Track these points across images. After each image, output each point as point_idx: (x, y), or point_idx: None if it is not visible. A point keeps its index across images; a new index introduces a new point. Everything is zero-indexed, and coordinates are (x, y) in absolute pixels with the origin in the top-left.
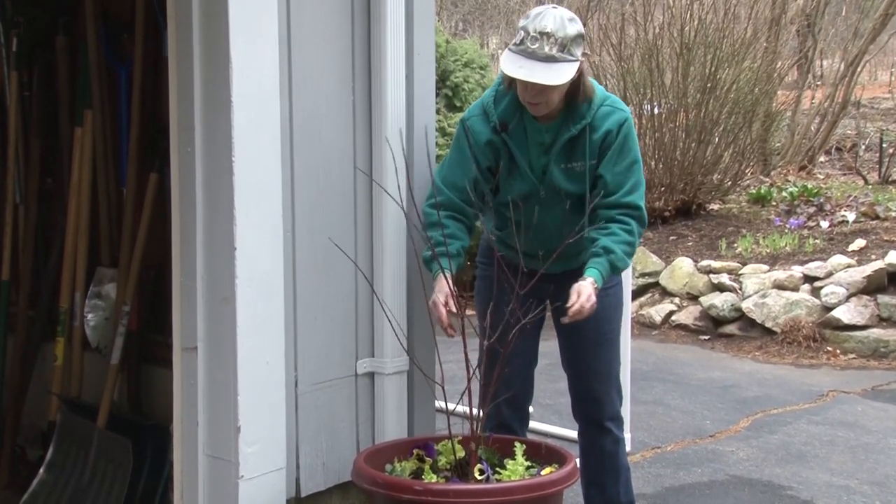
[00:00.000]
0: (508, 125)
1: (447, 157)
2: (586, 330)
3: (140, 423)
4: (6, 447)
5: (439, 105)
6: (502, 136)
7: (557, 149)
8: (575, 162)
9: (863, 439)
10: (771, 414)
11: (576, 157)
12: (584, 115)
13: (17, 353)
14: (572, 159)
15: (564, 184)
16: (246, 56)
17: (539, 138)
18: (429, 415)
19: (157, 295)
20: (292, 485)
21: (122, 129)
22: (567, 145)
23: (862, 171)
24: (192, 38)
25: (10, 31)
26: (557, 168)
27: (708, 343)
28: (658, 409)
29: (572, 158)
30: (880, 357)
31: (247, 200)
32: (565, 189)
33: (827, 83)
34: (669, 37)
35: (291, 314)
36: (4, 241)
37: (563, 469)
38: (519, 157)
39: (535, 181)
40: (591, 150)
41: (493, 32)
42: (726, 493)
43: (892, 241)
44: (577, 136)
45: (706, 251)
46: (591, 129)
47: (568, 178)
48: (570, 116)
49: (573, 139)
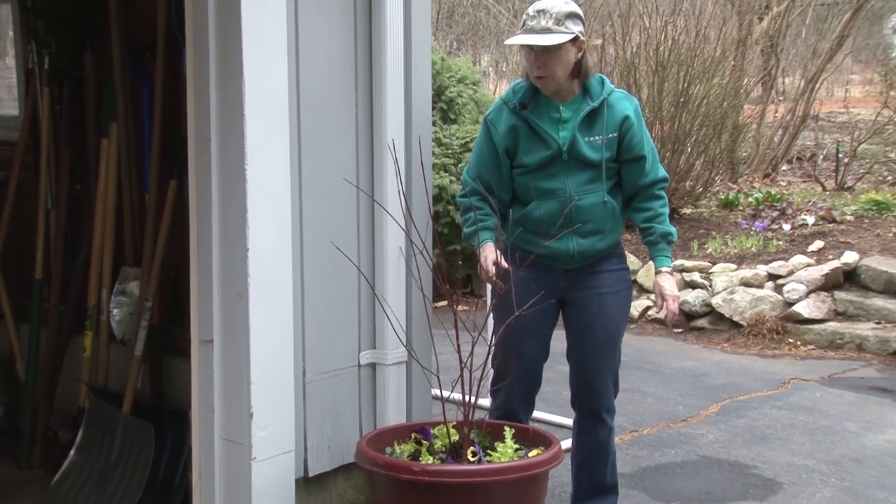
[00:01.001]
0: (527, 105)
1: (474, 155)
2: (596, 329)
3: (161, 409)
4: (40, 431)
5: (435, 118)
6: (522, 113)
7: (580, 120)
8: (596, 135)
9: (820, 423)
10: (738, 400)
11: (595, 130)
12: (599, 91)
13: (49, 344)
14: (592, 132)
15: (587, 151)
16: (258, 73)
17: (556, 115)
18: (425, 402)
19: (176, 292)
20: (301, 466)
21: (145, 139)
22: (587, 119)
23: (820, 179)
24: (209, 57)
25: (42, 51)
26: (582, 139)
27: (681, 336)
28: (636, 396)
29: (592, 131)
30: (836, 348)
31: (258, 205)
32: (587, 156)
33: (788, 98)
34: (646, 56)
35: (299, 309)
36: (37, 242)
37: (549, 451)
38: (540, 128)
39: (559, 146)
40: (609, 125)
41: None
42: (697, 472)
43: (847, 242)
44: (597, 109)
45: (679, 251)
46: (609, 106)
47: (590, 147)
48: (588, 93)
49: (593, 112)
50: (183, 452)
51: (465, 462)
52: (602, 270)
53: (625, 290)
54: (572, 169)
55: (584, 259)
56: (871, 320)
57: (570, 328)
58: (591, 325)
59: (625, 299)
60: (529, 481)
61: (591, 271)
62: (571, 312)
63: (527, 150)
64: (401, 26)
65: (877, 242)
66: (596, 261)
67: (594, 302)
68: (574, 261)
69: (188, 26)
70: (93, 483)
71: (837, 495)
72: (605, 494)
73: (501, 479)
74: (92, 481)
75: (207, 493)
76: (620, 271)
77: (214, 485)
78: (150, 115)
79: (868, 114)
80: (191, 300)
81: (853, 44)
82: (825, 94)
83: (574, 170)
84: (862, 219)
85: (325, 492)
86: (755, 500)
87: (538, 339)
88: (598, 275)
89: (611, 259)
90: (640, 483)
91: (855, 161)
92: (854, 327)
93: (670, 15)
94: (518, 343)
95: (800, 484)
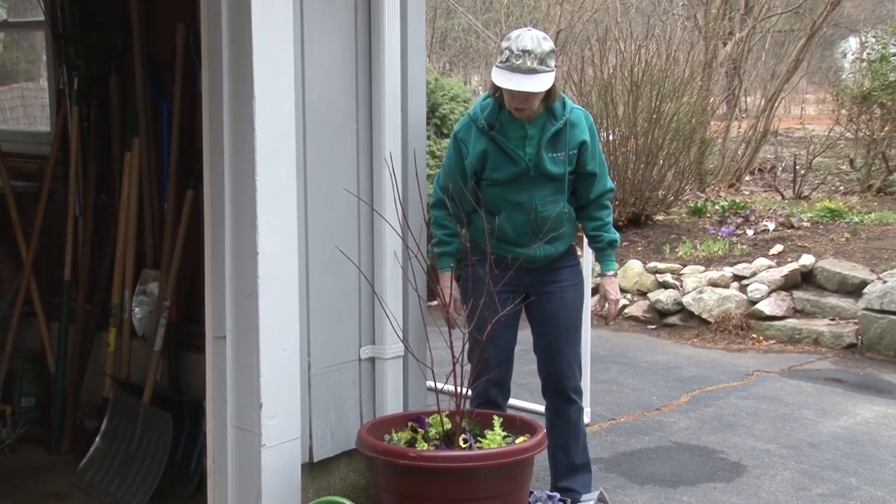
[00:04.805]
0: (494, 125)
1: (444, 167)
2: (559, 319)
3: (179, 399)
4: (68, 420)
5: (429, 132)
6: (490, 134)
7: (545, 140)
8: (558, 152)
9: (781, 411)
10: (706, 391)
11: (559, 147)
12: (561, 113)
13: (76, 340)
14: (556, 149)
15: (551, 167)
16: (267, 91)
17: (520, 132)
18: (421, 393)
19: (192, 292)
20: (306, 452)
21: (164, 153)
22: (553, 138)
23: (780, 189)
24: (222, 77)
25: (72, 73)
26: (547, 156)
27: (654, 332)
28: (613, 387)
29: (556, 149)
30: (795, 343)
31: (267, 212)
32: (551, 171)
33: (750, 116)
34: (621, 76)
35: (305, 308)
36: (66, 247)
37: (534, 438)
38: (509, 147)
39: (526, 163)
40: (570, 142)
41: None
42: (669, 456)
43: (804, 246)
44: (561, 129)
45: (653, 255)
46: (570, 125)
47: (553, 163)
48: (552, 114)
49: (558, 132)
50: (198, 440)
51: (457, 448)
52: (561, 266)
53: (580, 283)
54: (538, 183)
55: (548, 260)
56: (826, 317)
57: (536, 320)
58: (555, 315)
59: (581, 291)
60: (517, 466)
61: (552, 268)
62: (537, 306)
63: (495, 167)
64: (398, 49)
65: (831, 246)
66: (556, 259)
67: (556, 295)
68: (539, 262)
69: (204, 49)
70: (116, 467)
71: (796, 476)
72: (581, 473)
73: (491, 463)
74: (116, 466)
75: (221, 476)
76: (575, 266)
77: (227, 469)
78: (169, 130)
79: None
80: (205, 300)
81: (808, 67)
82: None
83: (539, 184)
84: (817, 225)
85: (328, 476)
86: (722, 482)
87: (509, 330)
88: (559, 271)
89: (567, 256)
90: (617, 467)
91: (811, 172)
92: (811, 324)
93: (643, 39)
94: (494, 335)
95: (762, 467)
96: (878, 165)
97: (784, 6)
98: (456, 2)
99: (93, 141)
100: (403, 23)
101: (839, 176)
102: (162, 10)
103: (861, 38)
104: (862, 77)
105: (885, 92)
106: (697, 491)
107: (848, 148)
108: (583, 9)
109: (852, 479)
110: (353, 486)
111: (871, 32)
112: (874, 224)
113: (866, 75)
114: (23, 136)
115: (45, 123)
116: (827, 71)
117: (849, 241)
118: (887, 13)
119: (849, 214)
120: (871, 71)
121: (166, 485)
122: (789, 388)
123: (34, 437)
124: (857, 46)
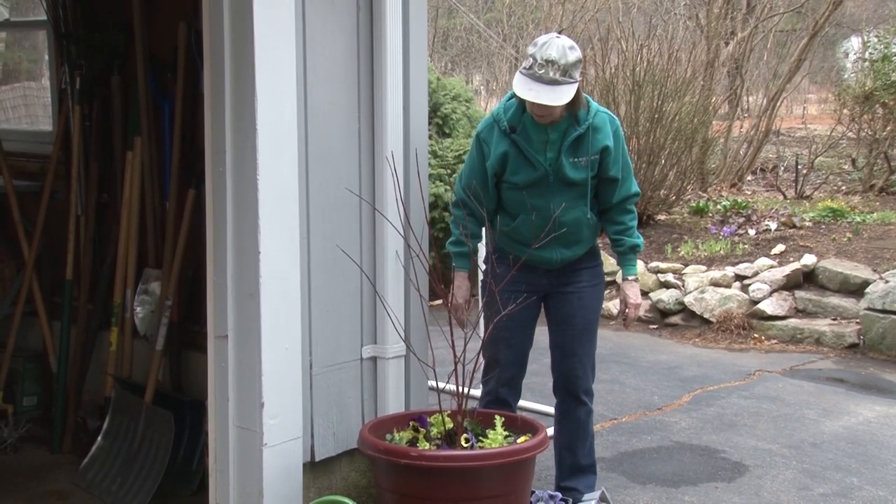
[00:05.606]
0: (516, 128)
1: (466, 167)
2: (577, 319)
3: (180, 399)
4: (70, 419)
5: (431, 132)
6: (512, 136)
7: (567, 145)
8: (580, 157)
9: (782, 411)
10: (708, 390)
11: (580, 152)
12: (585, 118)
13: (78, 340)
14: (578, 154)
15: (571, 173)
16: (269, 91)
17: (542, 136)
18: (422, 392)
19: (194, 291)
20: (308, 451)
21: (166, 152)
22: (574, 143)
23: (781, 188)
24: (224, 77)
25: (74, 72)
26: (567, 161)
27: (656, 331)
28: (615, 387)
29: (578, 154)
30: (797, 342)
31: (269, 212)
32: (571, 177)
33: (752, 115)
34: (623, 76)
35: (306, 307)
36: (68, 246)
37: (536, 438)
38: (529, 152)
39: (546, 169)
40: (592, 147)
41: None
42: (671, 456)
43: (806, 246)
44: (583, 134)
45: (655, 254)
46: (593, 129)
47: (574, 168)
48: (575, 119)
49: (580, 137)
50: (200, 439)
51: (458, 448)
52: (581, 268)
53: (600, 284)
54: (557, 188)
55: (566, 263)
56: (827, 317)
57: (553, 319)
58: (571, 315)
59: (600, 292)
60: (518, 465)
61: (571, 269)
62: (554, 305)
63: (515, 170)
64: (399, 49)
65: (832, 246)
66: (574, 261)
67: (574, 295)
68: (557, 265)
69: (206, 49)
70: (118, 467)
71: (798, 476)
72: (585, 474)
73: (492, 463)
74: (117, 465)
75: (222, 476)
76: (596, 267)
77: (229, 468)
78: (171, 129)
79: (823, 129)
80: (207, 299)
81: (810, 66)
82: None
83: (558, 189)
84: (819, 224)
85: (330, 475)
86: (724, 482)
87: (525, 330)
88: (578, 272)
89: (588, 258)
90: (619, 466)
91: (812, 172)
92: (813, 323)
93: (645, 39)
94: (507, 335)
95: (764, 466)
96: (880, 165)
97: (786, 6)
98: (458, 1)
99: (95, 140)
100: (405, 22)
101: (841, 176)
102: (164, 10)
103: (863, 37)
104: (864, 77)
105: (888, 91)
106: (699, 490)
107: (850, 148)
108: (584, 8)
109: (854, 479)
110: (355, 485)
111: (873, 32)
112: (876, 224)
113: (868, 75)
114: (25, 135)
115: (47, 123)
116: (829, 70)
117: (851, 240)
118: (889, 13)
119: (851, 214)
120: (874, 70)
121: (168, 484)
122: (791, 387)
123: (36, 436)
124: (860, 46)
